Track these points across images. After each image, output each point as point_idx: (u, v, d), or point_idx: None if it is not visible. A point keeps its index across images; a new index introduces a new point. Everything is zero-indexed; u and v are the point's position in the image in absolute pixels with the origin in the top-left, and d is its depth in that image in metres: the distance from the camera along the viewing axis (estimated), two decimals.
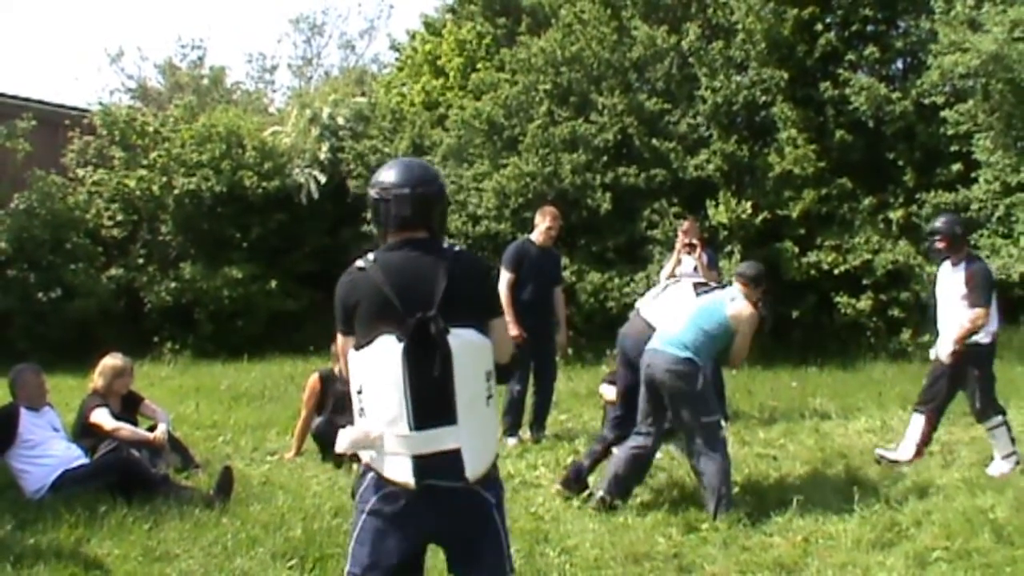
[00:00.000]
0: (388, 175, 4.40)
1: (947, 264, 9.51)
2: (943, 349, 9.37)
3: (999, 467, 9.08)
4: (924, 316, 17.37)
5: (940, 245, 9.55)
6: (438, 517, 4.18)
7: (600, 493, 8.08)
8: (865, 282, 17.58)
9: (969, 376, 9.27)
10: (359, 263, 4.33)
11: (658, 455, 9.57)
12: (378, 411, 4.16)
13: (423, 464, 4.09)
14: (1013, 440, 9.22)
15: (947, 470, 9.04)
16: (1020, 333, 9.92)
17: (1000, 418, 9.19)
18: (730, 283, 8.83)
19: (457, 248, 4.40)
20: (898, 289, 17.54)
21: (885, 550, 6.73)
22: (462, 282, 4.19)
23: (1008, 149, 16.24)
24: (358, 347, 4.24)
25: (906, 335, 17.42)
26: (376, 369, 4.15)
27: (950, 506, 7.65)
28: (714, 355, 8.38)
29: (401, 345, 4.07)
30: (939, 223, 9.67)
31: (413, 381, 4.06)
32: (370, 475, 4.28)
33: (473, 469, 4.12)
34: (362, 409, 4.22)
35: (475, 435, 4.13)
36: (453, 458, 4.09)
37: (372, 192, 4.43)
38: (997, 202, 16.13)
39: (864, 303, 17.46)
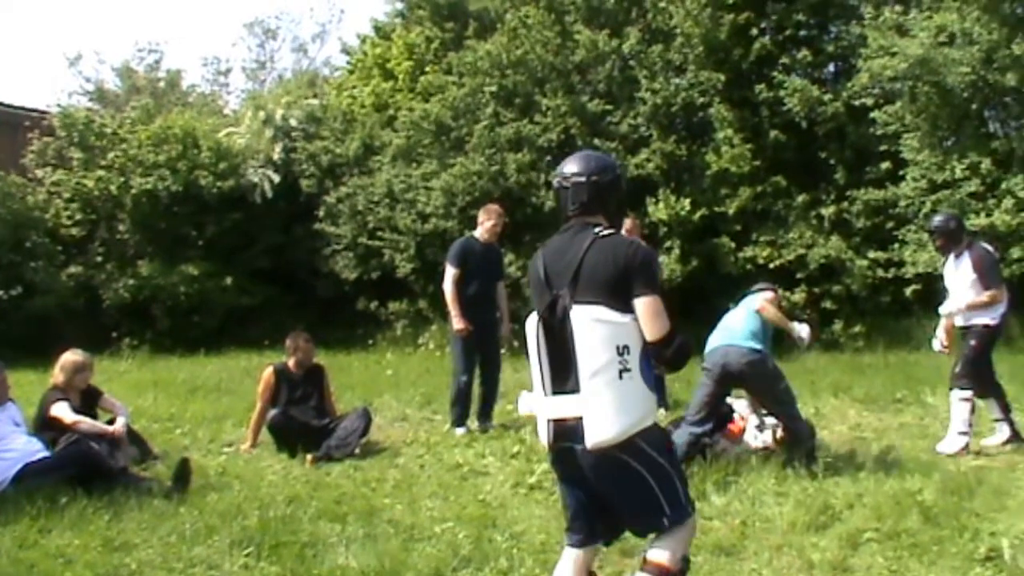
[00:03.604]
0: (569, 165, 4.64)
1: (951, 257, 9.54)
2: (946, 307, 9.50)
3: (950, 443, 9.16)
4: (855, 308, 17.59)
5: (939, 243, 9.73)
6: (581, 473, 4.45)
7: None
8: (799, 276, 17.71)
9: (963, 346, 9.35)
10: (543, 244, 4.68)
11: None
12: (534, 378, 4.52)
13: (556, 428, 4.43)
14: (971, 424, 9.24)
15: (878, 455, 9.10)
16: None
17: (969, 393, 9.17)
18: None
19: (605, 232, 4.48)
20: (830, 282, 17.70)
21: (819, 532, 6.76)
22: (594, 262, 4.36)
23: (934, 148, 16.42)
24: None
25: (838, 326, 17.59)
26: (530, 340, 4.50)
27: (880, 489, 7.71)
28: (771, 336, 9.14)
29: (538, 318, 4.45)
30: (935, 222, 9.77)
31: (548, 352, 4.42)
32: None
33: (594, 437, 4.26)
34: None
35: (599, 405, 4.25)
36: (577, 425, 4.29)
37: (555, 182, 4.71)
38: (924, 199, 16.28)
39: (798, 296, 17.59)
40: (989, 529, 6.63)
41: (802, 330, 9.36)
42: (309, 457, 9.49)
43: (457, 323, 10.73)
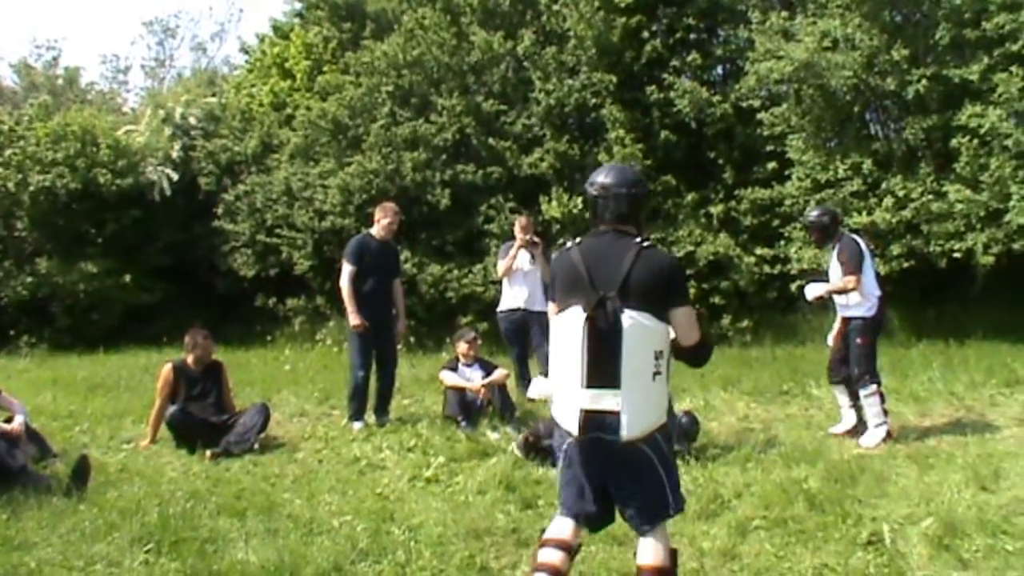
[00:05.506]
0: (607, 177, 5.08)
1: (831, 249, 9.73)
2: (809, 291, 9.69)
3: (871, 436, 9.28)
4: (743, 304, 17.79)
5: (815, 237, 10.02)
6: (603, 462, 4.84)
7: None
8: (689, 272, 17.84)
9: (852, 345, 9.48)
10: (568, 243, 5.01)
11: (496, 436, 9.68)
12: (562, 368, 4.83)
13: (588, 418, 4.72)
14: (886, 411, 9.39)
15: (765, 445, 9.20)
16: (830, 318, 10.17)
17: (874, 387, 9.32)
18: None
19: (647, 244, 4.90)
20: (719, 278, 17.87)
21: (709, 520, 6.85)
22: (641, 273, 4.76)
23: (818, 149, 16.66)
24: (558, 312, 4.94)
25: (726, 321, 17.74)
26: (565, 332, 4.81)
27: (768, 478, 7.83)
28: None
29: (584, 316, 4.69)
30: (810, 217, 10.01)
31: (590, 347, 4.68)
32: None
33: (630, 430, 4.68)
34: (554, 364, 4.95)
35: (635, 402, 4.67)
36: (613, 418, 4.68)
37: (591, 191, 5.09)
38: (808, 198, 16.51)
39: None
40: (871, 515, 6.80)
41: None
42: (208, 453, 9.40)
43: (353, 319, 10.71)
